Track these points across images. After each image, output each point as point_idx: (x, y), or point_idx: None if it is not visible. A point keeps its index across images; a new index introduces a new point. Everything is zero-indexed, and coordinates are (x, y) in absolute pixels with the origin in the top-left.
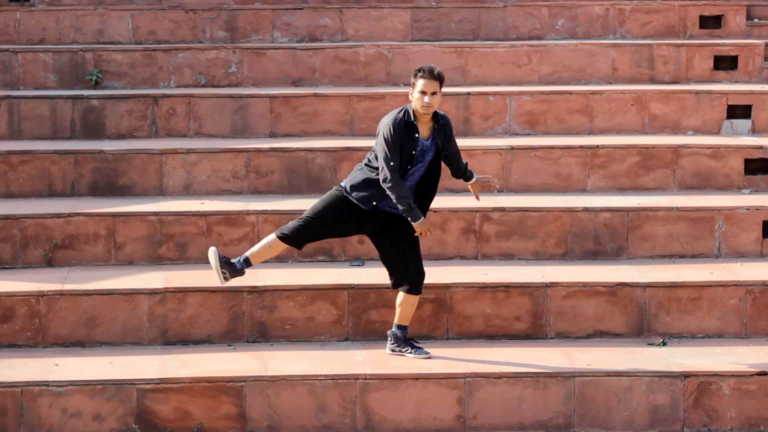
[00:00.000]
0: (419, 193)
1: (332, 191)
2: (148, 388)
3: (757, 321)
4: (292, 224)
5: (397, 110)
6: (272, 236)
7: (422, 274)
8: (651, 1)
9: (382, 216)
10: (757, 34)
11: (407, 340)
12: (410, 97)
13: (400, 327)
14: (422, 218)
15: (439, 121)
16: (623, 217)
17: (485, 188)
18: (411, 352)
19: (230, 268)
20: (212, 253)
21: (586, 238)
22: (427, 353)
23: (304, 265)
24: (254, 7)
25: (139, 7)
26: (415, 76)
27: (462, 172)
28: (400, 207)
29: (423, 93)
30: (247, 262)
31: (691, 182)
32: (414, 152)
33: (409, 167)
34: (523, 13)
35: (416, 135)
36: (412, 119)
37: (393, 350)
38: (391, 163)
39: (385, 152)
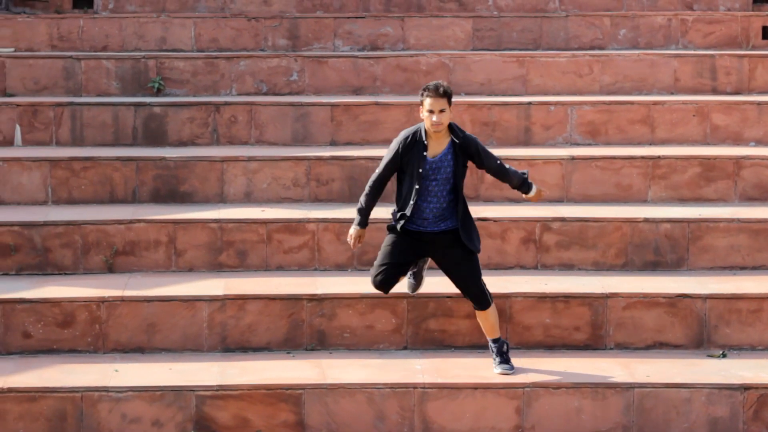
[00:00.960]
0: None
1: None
2: (207, 394)
3: None
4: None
5: (413, 127)
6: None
7: (480, 290)
8: (713, 11)
9: (428, 239)
10: None
11: (502, 352)
12: (420, 116)
13: (492, 341)
14: (356, 227)
15: (458, 140)
16: (684, 228)
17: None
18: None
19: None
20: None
21: (646, 249)
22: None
23: (364, 273)
24: (316, 15)
25: (201, 15)
26: (422, 94)
27: (519, 185)
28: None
29: (431, 112)
30: None
31: (752, 194)
32: (421, 170)
33: (417, 186)
34: (585, 23)
35: (424, 153)
36: (424, 138)
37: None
38: (377, 171)
39: (381, 164)
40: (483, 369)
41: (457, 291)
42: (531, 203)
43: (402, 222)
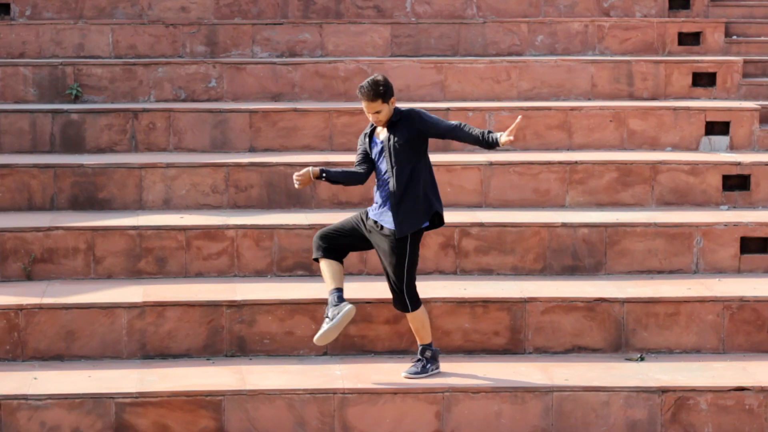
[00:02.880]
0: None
1: None
2: (126, 401)
3: (735, 336)
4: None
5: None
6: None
7: (402, 293)
8: (630, 17)
9: (372, 230)
10: (736, 51)
11: (420, 358)
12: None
13: (420, 347)
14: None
15: (392, 119)
16: (601, 232)
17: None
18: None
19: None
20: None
21: (564, 254)
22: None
23: (283, 279)
24: (234, 22)
25: (119, 21)
26: (358, 95)
27: (485, 142)
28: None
29: (367, 112)
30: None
31: (669, 198)
32: (374, 149)
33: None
34: (503, 29)
35: (373, 141)
36: (374, 128)
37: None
38: (355, 161)
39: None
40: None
41: (376, 296)
42: (450, 208)
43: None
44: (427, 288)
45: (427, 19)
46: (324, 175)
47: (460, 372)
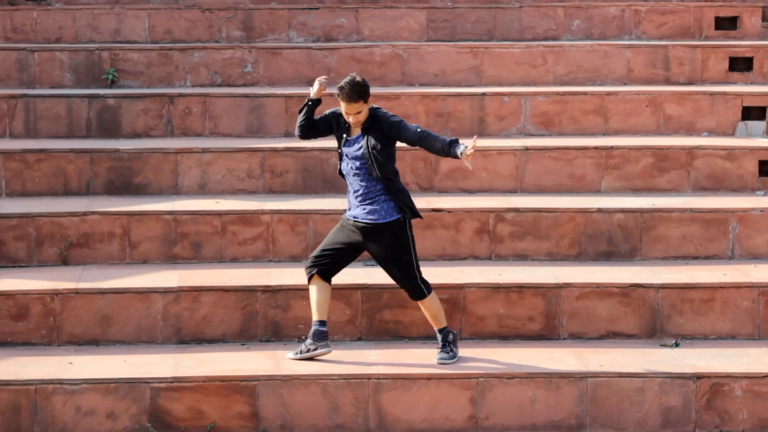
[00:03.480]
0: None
1: None
2: (161, 386)
3: None
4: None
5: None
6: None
7: (415, 280)
8: (666, 2)
9: (361, 230)
10: None
11: (446, 342)
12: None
13: (439, 331)
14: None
15: (367, 122)
16: (637, 218)
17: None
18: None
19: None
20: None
21: (599, 239)
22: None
23: None
24: (270, 6)
25: (155, 6)
26: (337, 95)
27: (445, 152)
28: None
29: (347, 114)
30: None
31: (705, 184)
32: (347, 148)
33: (340, 161)
34: (539, 13)
35: (344, 134)
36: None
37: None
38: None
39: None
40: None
41: None
42: (486, 194)
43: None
44: (461, 273)
45: (463, 3)
46: (310, 103)
47: (494, 358)
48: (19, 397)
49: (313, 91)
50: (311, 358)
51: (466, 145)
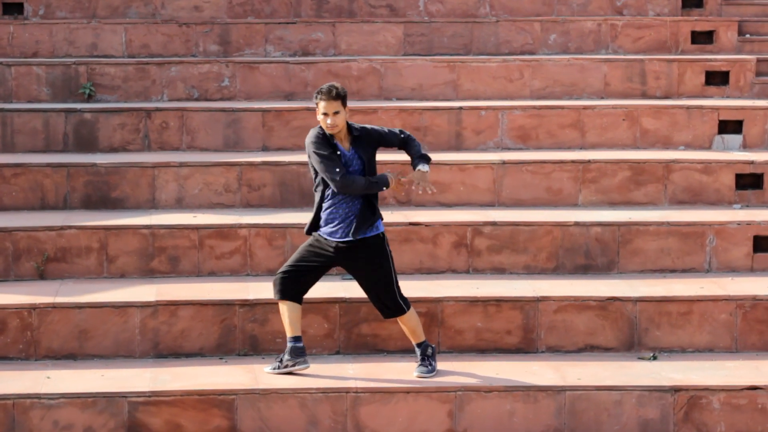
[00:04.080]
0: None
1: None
2: (139, 401)
3: (748, 335)
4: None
5: (316, 128)
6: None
7: (395, 295)
8: (643, 16)
9: (344, 250)
10: (749, 50)
11: (425, 356)
12: (317, 118)
13: (417, 345)
14: (389, 175)
15: (354, 134)
16: (614, 231)
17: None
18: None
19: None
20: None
21: (577, 253)
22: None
23: None
24: (247, 21)
25: (132, 20)
26: (315, 98)
27: (417, 156)
28: (375, 191)
29: (325, 114)
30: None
31: (682, 197)
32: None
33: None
34: (515, 28)
35: (338, 148)
36: (329, 135)
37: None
38: (337, 169)
39: (325, 165)
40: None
41: None
42: (463, 207)
43: (312, 231)
44: (439, 287)
45: (440, 18)
46: (376, 177)
47: (472, 371)
48: None
49: (391, 185)
50: (290, 373)
51: (419, 174)
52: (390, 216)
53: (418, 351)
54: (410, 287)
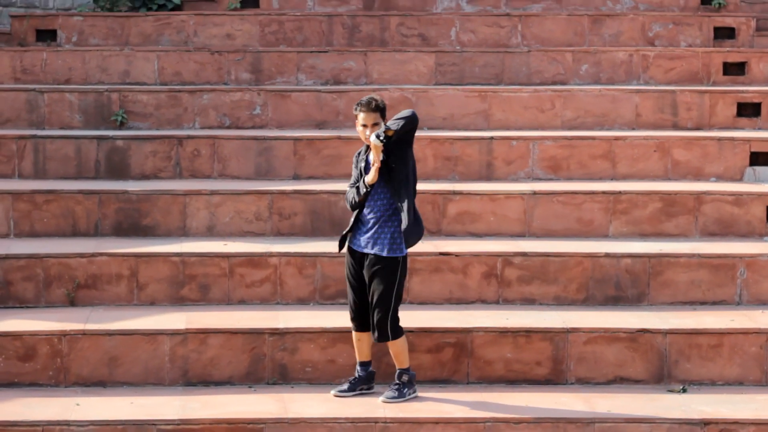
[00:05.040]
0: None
1: None
2: (168, 429)
3: None
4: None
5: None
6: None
7: (388, 315)
8: (675, 47)
9: (359, 260)
10: None
11: (400, 383)
12: (357, 130)
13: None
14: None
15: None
16: (645, 263)
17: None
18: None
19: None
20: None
21: (607, 284)
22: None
23: (326, 307)
24: (279, 49)
25: (165, 48)
26: (355, 109)
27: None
28: (360, 195)
29: (364, 126)
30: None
31: (713, 229)
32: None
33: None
34: (547, 58)
35: (368, 162)
36: (364, 150)
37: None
38: (348, 187)
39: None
40: (444, 403)
41: (418, 325)
42: (493, 237)
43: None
44: (469, 317)
45: (471, 47)
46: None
47: (501, 402)
48: None
49: (369, 177)
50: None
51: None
52: (420, 246)
53: (396, 375)
54: (440, 317)
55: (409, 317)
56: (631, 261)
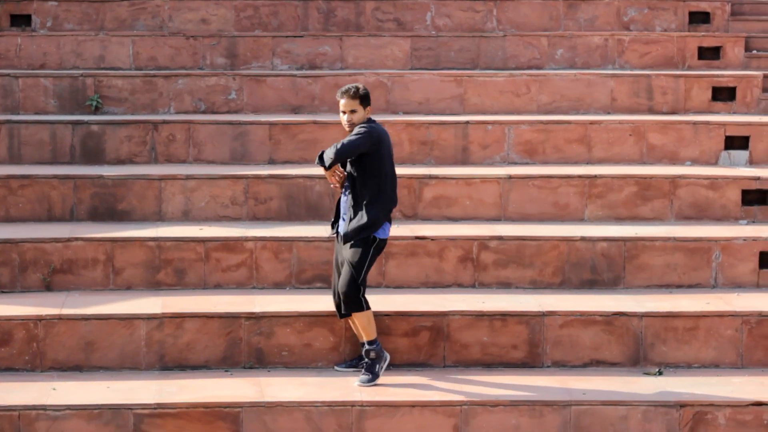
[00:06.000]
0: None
1: None
2: (145, 413)
3: (753, 351)
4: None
5: None
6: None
7: (343, 295)
8: (650, 32)
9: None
10: (756, 66)
11: (371, 360)
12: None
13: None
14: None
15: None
16: (620, 246)
17: None
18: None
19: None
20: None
21: (583, 268)
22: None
23: (302, 291)
24: (254, 34)
25: (140, 33)
26: (338, 95)
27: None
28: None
29: (343, 112)
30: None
31: (688, 213)
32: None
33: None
34: (523, 42)
35: None
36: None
37: None
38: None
39: None
40: (421, 387)
41: (394, 309)
42: (469, 222)
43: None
44: (445, 301)
45: (447, 32)
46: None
47: (478, 385)
48: (2, 422)
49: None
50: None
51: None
52: (396, 230)
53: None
54: (416, 301)
55: (385, 301)
56: (607, 244)
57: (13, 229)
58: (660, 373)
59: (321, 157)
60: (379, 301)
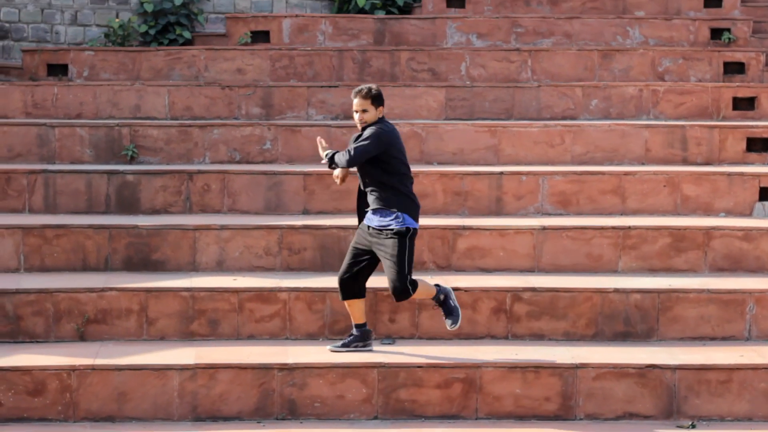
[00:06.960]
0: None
1: None
2: None
3: None
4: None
5: None
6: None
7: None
8: (685, 82)
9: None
10: None
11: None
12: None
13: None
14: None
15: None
16: (654, 298)
17: None
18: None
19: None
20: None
21: (616, 320)
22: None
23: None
24: (289, 84)
25: (175, 83)
26: (352, 96)
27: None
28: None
29: (356, 111)
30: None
31: (722, 264)
32: None
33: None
34: (557, 93)
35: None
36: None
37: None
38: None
39: None
40: None
41: (427, 361)
42: (503, 273)
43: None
44: (477, 353)
45: (481, 82)
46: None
47: None
48: None
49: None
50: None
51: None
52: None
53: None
54: (449, 353)
55: (417, 352)
56: (641, 296)
57: (47, 279)
58: (693, 426)
59: (332, 160)
60: (411, 352)
